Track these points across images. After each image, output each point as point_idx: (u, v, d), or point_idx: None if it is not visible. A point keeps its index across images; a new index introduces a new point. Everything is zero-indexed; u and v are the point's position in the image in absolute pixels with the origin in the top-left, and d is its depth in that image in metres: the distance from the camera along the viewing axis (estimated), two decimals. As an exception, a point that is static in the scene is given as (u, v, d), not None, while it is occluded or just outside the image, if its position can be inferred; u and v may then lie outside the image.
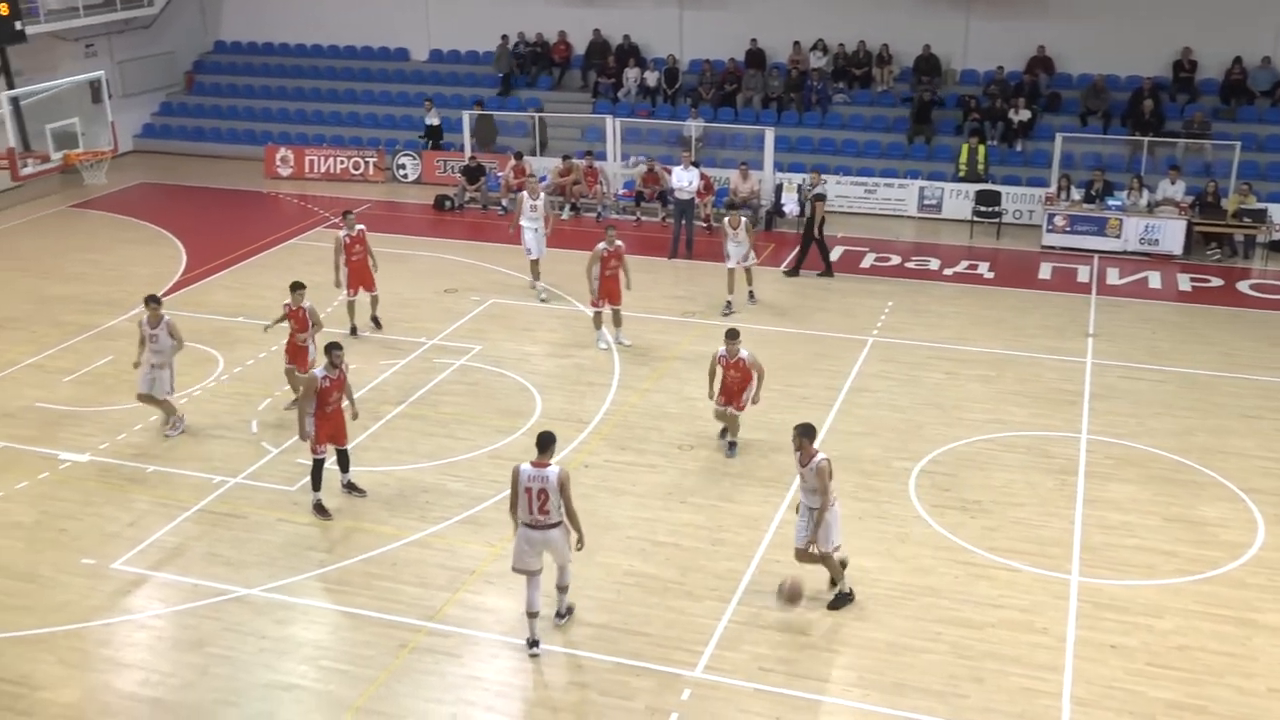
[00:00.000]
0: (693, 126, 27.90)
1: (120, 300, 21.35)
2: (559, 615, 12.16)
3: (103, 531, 13.95)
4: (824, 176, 24.07)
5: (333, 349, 13.97)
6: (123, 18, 32.01)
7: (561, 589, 12.13)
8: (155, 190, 29.64)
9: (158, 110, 34.19)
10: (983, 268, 23.38)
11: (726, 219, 20.78)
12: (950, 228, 25.89)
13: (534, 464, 11.31)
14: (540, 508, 11.32)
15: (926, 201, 26.52)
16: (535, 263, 21.54)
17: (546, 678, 11.43)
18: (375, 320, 19.88)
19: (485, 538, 13.73)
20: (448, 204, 27.58)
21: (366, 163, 30.17)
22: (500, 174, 27.64)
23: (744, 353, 15.31)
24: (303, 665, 11.59)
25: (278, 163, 30.64)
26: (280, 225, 26.17)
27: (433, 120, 30.11)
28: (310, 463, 14.16)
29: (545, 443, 11.40)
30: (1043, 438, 16.13)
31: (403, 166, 30.03)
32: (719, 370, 15.47)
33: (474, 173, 27.74)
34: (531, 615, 11.71)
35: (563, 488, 11.27)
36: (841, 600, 12.42)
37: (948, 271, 23.17)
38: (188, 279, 22.72)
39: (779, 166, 26.63)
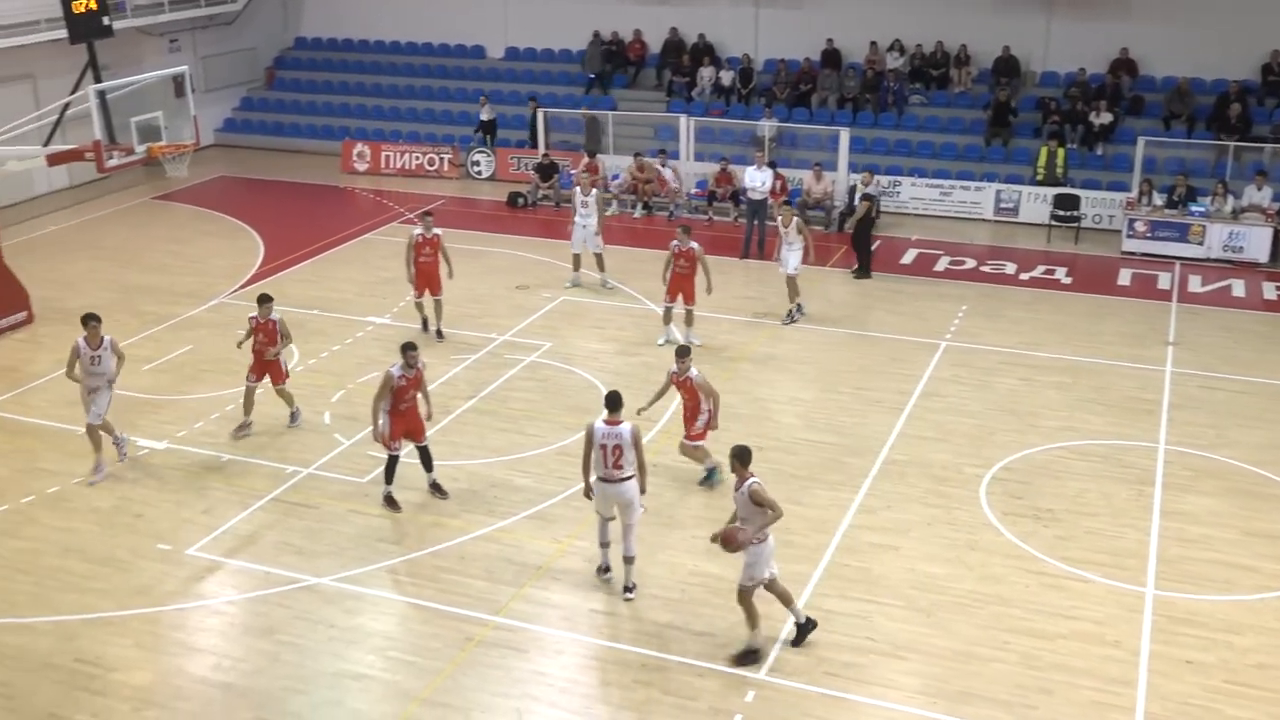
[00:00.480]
0: (766, 126, 27.77)
1: (199, 291, 21.74)
2: (627, 589, 12.51)
3: (178, 518, 14.21)
4: (876, 177, 23.86)
5: (408, 349, 14.08)
6: (206, 14, 32.61)
7: (628, 560, 12.50)
8: (235, 183, 30.15)
9: (239, 105, 34.77)
10: (1060, 273, 23.01)
11: (779, 217, 20.50)
12: (1027, 232, 25.51)
13: (607, 421, 12.07)
14: (615, 463, 12.09)
15: (1003, 205, 26.16)
16: (598, 257, 21.63)
17: (610, 675, 11.44)
18: (438, 333, 19.43)
19: (552, 534, 13.77)
20: (521, 201, 27.72)
21: (441, 159, 30.43)
22: (573, 171, 27.71)
23: (693, 372, 14.31)
24: (370, 655, 11.71)
25: (354, 158, 31.02)
26: (356, 220, 26.48)
27: (486, 115, 30.44)
28: (385, 457, 14.29)
29: (615, 402, 12.19)
30: (1119, 447, 15.84)
31: (477, 163, 30.25)
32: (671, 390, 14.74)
33: (547, 170, 27.85)
34: (604, 545, 12.72)
35: (636, 442, 12.11)
36: (804, 632, 11.76)
37: (1024, 276, 22.83)
38: (265, 271, 23.08)
39: (853, 168, 26.42)
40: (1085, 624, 12.12)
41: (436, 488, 14.65)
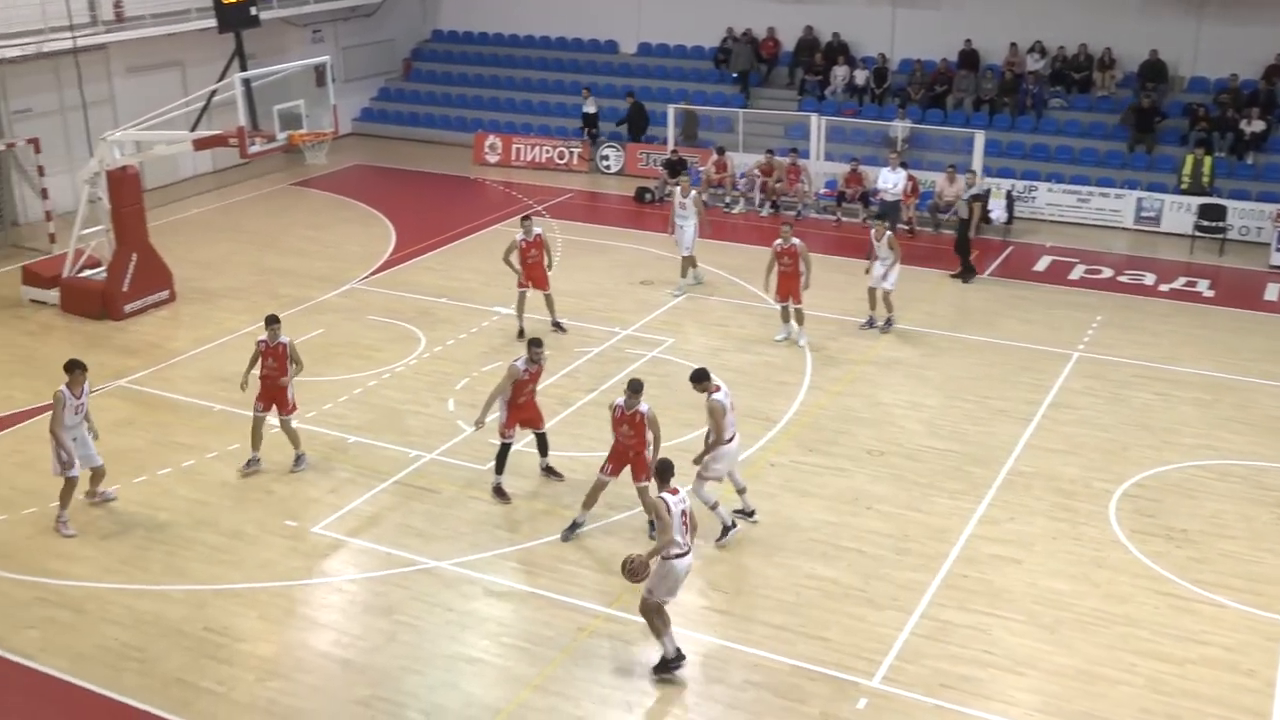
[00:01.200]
0: (899, 127, 27.36)
1: (334, 276, 22.27)
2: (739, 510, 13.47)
3: (306, 496, 14.57)
4: (984, 179, 23.28)
5: (534, 344, 14.21)
6: (348, 5, 33.38)
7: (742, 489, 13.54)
8: (370, 172, 30.82)
9: (376, 95, 35.52)
10: (1202, 285, 22.20)
11: (872, 230, 19.76)
12: (1169, 242, 24.67)
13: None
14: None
15: (1144, 213, 25.35)
16: (686, 259, 21.53)
17: (722, 674, 11.39)
18: (557, 325, 19.42)
19: (668, 529, 13.74)
20: (648, 196, 27.78)
21: (571, 153, 30.67)
22: (702, 169, 27.70)
23: (644, 407, 13.13)
24: (485, 640, 11.85)
25: (486, 150, 31.44)
26: (485, 211, 26.84)
27: (589, 109, 30.72)
28: (499, 445, 14.44)
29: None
30: (1260, 468, 15.22)
31: (606, 158, 30.41)
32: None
33: (676, 166, 27.85)
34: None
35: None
36: (668, 666, 11.24)
37: (1164, 287, 22.08)
38: (395, 259, 23.53)
39: (988, 171, 25.86)
40: (1217, 650, 11.67)
41: (550, 470, 14.81)
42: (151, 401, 17.23)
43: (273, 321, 14.96)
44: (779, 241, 18.81)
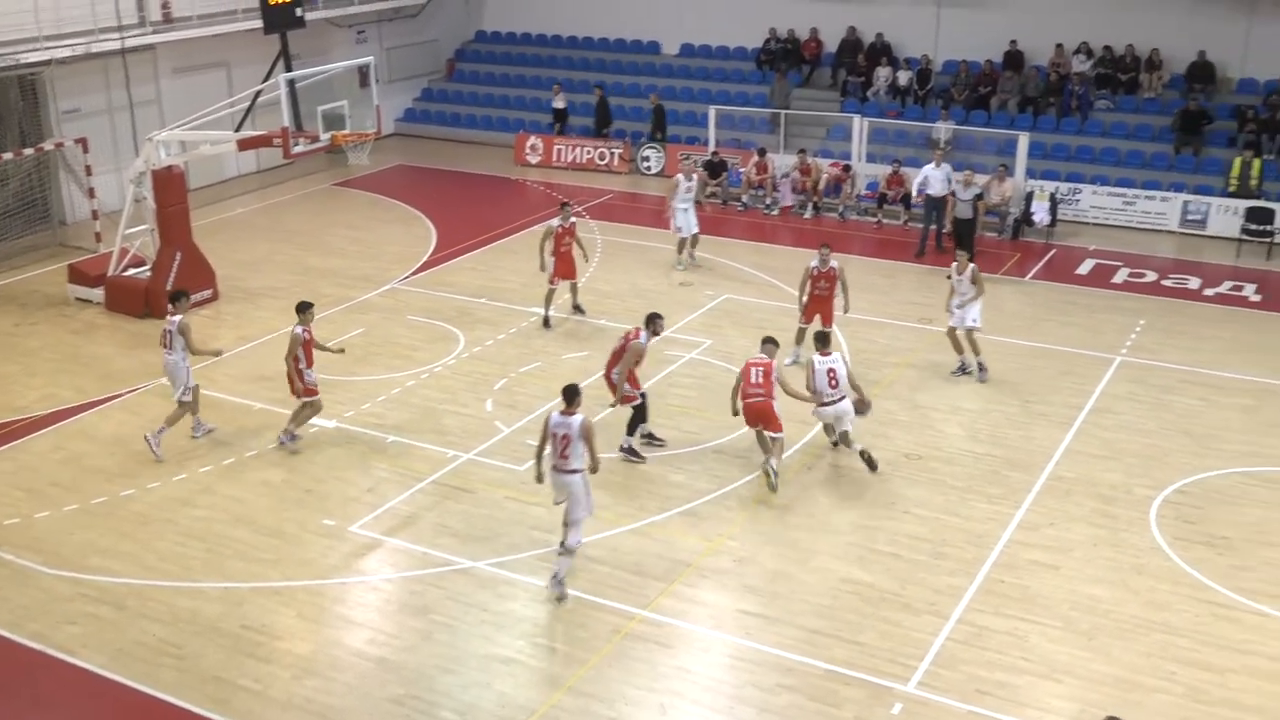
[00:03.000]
0: (942, 129, 27.18)
1: (375, 276, 22.41)
2: (555, 578, 12.42)
3: (344, 495, 14.67)
4: (978, 176, 23.29)
5: (655, 318, 15.61)
6: (393, 6, 33.60)
7: (565, 551, 12.42)
8: (412, 172, 31.00)
9: (419, 96, 35.71)
10: (1249, 290, 21.88)
11: (955, 263, 17.83)
12: (1215, 246, 24.35)
13: (562, 412, 12.18)
14: (562, 452, 12.12)
15: (1190, 217, 25.02)
16: (683, 241, 22.56)
17: (756, 677, 11.35)
18: (578, 307, 20.30)
19: (703, 531, 13.75)
20: (689, 197, 27.73)
21: (612, 153, 30.70)
22: (742, 170, 27.64)
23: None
24: (519, 640, 11.88)
25: (527, 150, 31.55)
26: (526, 211, 26.91)
27: (559, 104, 31.37)
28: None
29: (570, 394, 12.23)
30: (1305, 475, 15.00)
31: (646, 158, 30.41)
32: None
33: (716, 168, 27.81)
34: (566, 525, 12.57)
35: (586, 435, 12.13)
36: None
37: (1209, 292, 21.79)
38: (436, 259, 23.65)
39: (1031, 174, 25.65)
40: (1260, 659, 11.50)
41: (652, 437, 15.81)
42: (194, 399, 17.40)
43: (305, 308, 16.01)
44: (815, 264, 17.72)
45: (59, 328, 20.28)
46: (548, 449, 12.42)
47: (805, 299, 17.97)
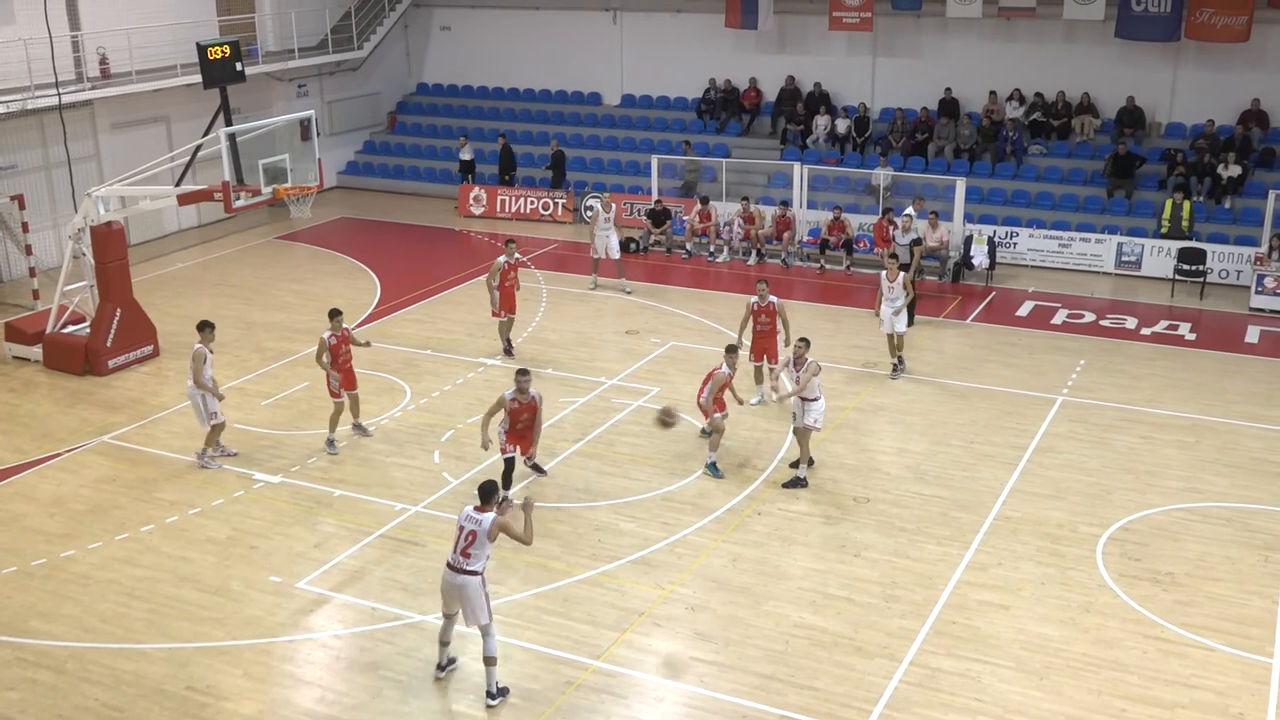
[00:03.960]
0: (881, 175, 27.58)
1: (317, 329, 22.17)
2: (489, 695, 11.50)
3: (290, 551, 14.47)
4: (945, 225, 24.17)
5: (520, 375, 15.21)
6: (334, 59, 33.60)
7: (488, 661, 11.49)
8: (355, 225, 30.89)
9: (361, 148, 35.69)
10: (1184, 328, 22.33)
11: (885, 270, 19.61)
12: (1150, 286, 24.85)
13: (476, 508, 11.42)
14: (464, 550, 11.33)
15: (1125, 258, 25.53)
16: (596, 261, 24.47)
17: (710, 726, 11.30)
18: (508, 350, 20.77)
19: (655, 579, 13.71)
20: (633, 246, 27.87)
21: (556, 203, 30.82)
22: (686, 218, 27.85)
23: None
24: (471, 695, 11.74)
25: (471, 201, 31.58)
26: (470, 262, 26.90)
27: (465, 155, 31.99)
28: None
29: (486, 493, 11.49)
30: (1244, 510, 15.25)
31: (590, 208, 30.52)
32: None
33: (660, 216, 28.00)
34: (442, 644, 11.97)
35: (495, 535, 11.29)
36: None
37: (1145, 331, 22.21)
38: (380, 311, 23.53)
39: (969, 218, 26.07)
40: (1207, 694, 11.63)
41: (537, 468, 16.18)
42: (135, 457, 17.14)
43: (336, 314, 17.11)
44: (755, 300, 18.28)
45: (-5, 387, 19.93)
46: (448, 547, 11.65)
47: (748, 337, 18.45)
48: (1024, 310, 23.39)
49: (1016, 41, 29.26)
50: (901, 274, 19.42)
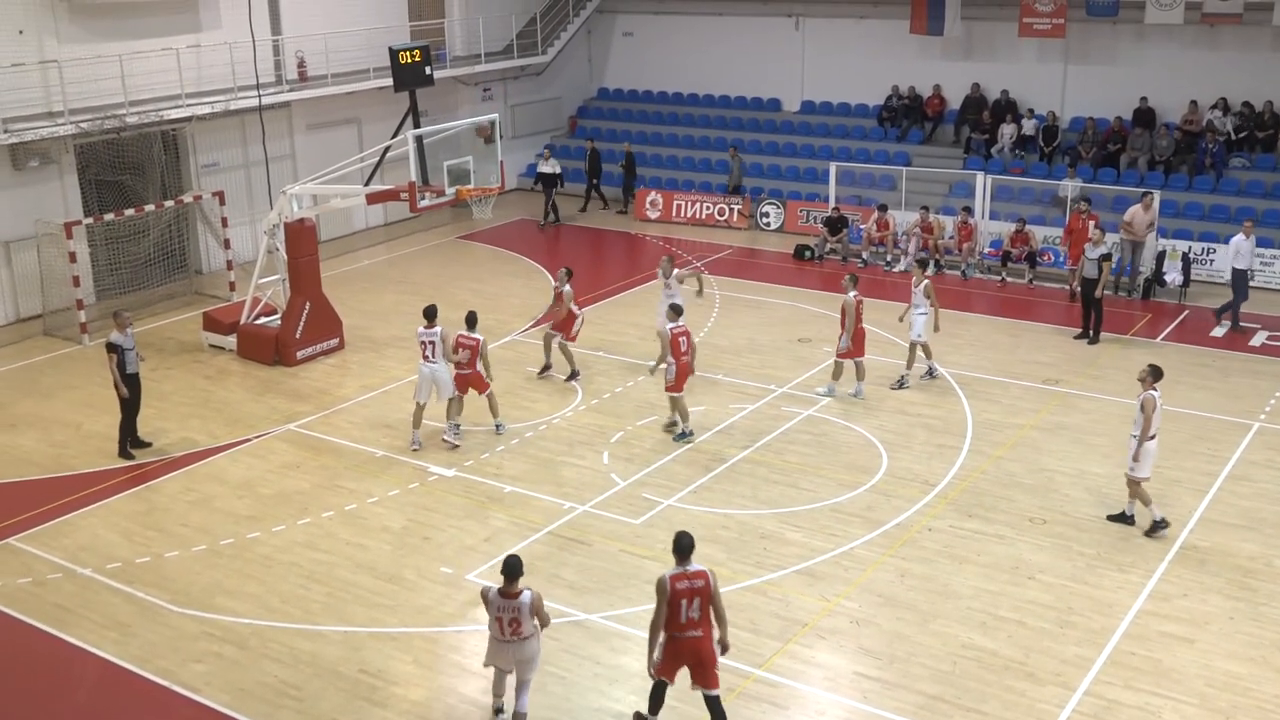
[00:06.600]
0: (1069, 186, 26.68)
1: (494, 328, 22.67)
2: None
3: (461, 543, 14.79)
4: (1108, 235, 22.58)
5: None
6: (518, 64, 34.30)
7: (518, 718, 11.07)
8: (533, 226, 31.43)
9: (542, 152, 36.24)
10: (1397, 354, 20.94)
11: (913, 275, 19.69)
12: (1359, 308, 23.38)
13: (502, 594, 10.75)
14: (514, 630, 10.82)
15: (1332, 278, 24.09)
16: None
17: (873, 744, 11.08)
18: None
19: (820, 591, 13.53)
20: (808, 254, 27.65)
21: (731, 209, 30.78)
22: (863, 226, 27.47)
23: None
24: (632, 695, 11.78)
25: (647, 206, 31.79)
26: (644, 266, 27.06)
27: (546, 169, 31.81)
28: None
29: (511, 571, 10.69)
30: None
31: (766, 214, 30.42)
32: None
33: (836, 224, 27.69)
34: (497, 695, 11.37)
35: (536, 609, 10.77)
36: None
37: (1353, 356, 20.91)
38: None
39: (1163, 233, 24.98)
40: None
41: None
42: (318, 445, 17.79)
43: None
44: (854, 294, 18.67)
45: (192, 373, 20.94)
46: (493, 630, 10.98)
47: (851, 330, 18.67)
48: (1220, 331, 22.28)
49: (1220, 49, 27.89)
50: (926, 281, 19.28)
